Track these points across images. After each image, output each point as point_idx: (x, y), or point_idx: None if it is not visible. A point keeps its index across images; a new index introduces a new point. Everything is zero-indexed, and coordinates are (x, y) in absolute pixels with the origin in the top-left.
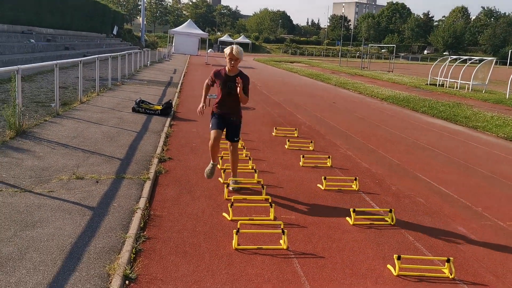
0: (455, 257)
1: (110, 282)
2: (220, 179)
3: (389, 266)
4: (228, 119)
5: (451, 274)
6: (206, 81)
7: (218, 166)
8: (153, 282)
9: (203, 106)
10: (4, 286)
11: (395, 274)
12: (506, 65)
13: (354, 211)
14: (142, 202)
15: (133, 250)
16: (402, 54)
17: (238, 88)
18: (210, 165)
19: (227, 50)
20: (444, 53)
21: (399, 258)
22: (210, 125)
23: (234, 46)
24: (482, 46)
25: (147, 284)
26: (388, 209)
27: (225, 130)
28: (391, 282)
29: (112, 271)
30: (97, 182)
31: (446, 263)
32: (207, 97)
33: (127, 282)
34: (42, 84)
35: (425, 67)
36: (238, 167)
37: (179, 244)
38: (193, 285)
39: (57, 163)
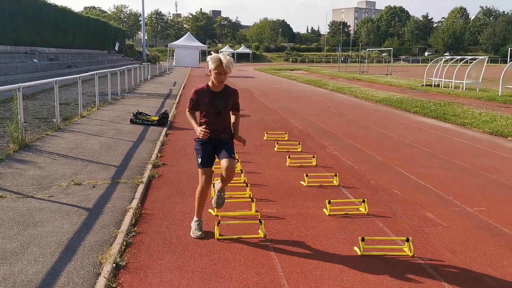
0: (418, 239)
1: (102, 269)
2: None
3: (355, 248)
4: (217, 139)
5: (410, 252)
6: (188, 107)
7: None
8: (140, 268)
9: (204, 128)
10: (8, 275)
11: (359, 254)
12: (507, 63)
13: (329, 202)
14: (134, 203)
15: (124, 242)
16: (403, 57)
17: (243, 143)
18: (195, 223)
19: (213, 61)
20: (445, 54)
21: (363, 239)
22: (198, 161)
23: (222, 57)
24: (483, 45)
25: (135, 270)
26: (362, 200)
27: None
28: (355, 261)
29: (104, 260)
30: (93, 187)
31: (406, 243)
32: None
33: (114, 265)
34: (45, 102)
35: (424, 68)
36: (234, 197)
37: (166, 237)
38: (175, 269)
39: (57, 172)
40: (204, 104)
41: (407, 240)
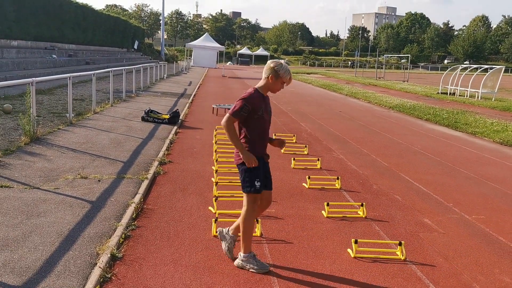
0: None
1: (98, 259)
2: (212, 179)
3: (349, 250)
4: (266, 161)
5: (402, 256)
6: (233, 113)
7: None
8: (136, 260)
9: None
10: (8, 260)
11: (352, 256)
12: None
13: (328, 204)
14: (137, 198)
15: (123, 235)
16: (422, 64)
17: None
18: (254, 259)
19: (286, 72)
20: (464, 62)
21: (356, 242)
22: (256, 185)
23: (289, 68)
24: (503, 55)
25: (131, 262)
26: (360, 203)
27: None
28: (347, 263)
29: (101, 251)
30: (99, 181)
31: (398, 246)
32: (214, 106)
33: (110, 256)
34: (61, 97)
35: (442, 76)
36: (236, 196)
37: (165, 232)
38: (170, 263)
39: (65, 165)
40: (260, 111)
41: (400, 244)
